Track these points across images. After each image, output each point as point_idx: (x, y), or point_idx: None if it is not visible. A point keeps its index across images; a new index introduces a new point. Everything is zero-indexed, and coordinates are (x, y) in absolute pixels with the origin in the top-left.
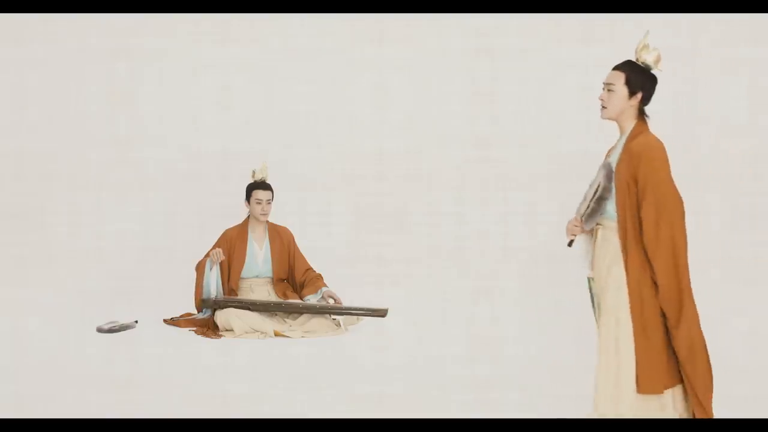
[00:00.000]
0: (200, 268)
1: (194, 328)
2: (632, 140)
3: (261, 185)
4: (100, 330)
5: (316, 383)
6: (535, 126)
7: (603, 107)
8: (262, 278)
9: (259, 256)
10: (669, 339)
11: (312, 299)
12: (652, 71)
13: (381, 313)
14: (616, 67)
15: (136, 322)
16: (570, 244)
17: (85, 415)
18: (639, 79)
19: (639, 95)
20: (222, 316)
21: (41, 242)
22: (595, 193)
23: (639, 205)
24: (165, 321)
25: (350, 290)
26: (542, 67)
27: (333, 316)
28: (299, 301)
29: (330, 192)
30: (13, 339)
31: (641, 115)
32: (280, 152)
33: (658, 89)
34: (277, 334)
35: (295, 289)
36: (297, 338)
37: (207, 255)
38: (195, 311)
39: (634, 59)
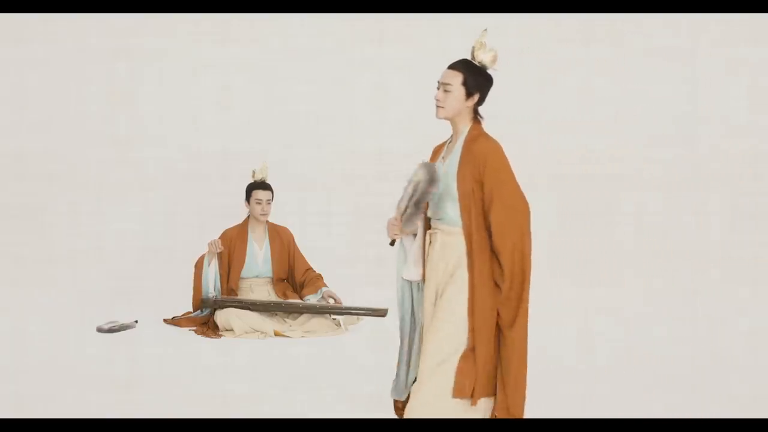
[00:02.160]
0: (199, 264)
1: (194, 328)
2: (472, 143)
3: (261, 185)
4: (100, 330)
5: (316, 383)
6: (535, 126)
7: (439, 107)
8: (262, 278)
9: (259, 256)
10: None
11: (312, 299)
12: (489, 71)
13: (381, 313)
14: (453, 66)
15: (136, 321)
16: (392, 243)
17: (85, 415)
18: (476, 80)
19: (476, 96)
20: (222, 316)
21: (41, 242)
22: (413, 195)
23: (487, 209)
24: (165, 321)
25: (350, 290)
26: (542, 67)
27: (333, 316)
28: (299, 301)
29: (330, 192)
30: (13, 339)
31: (476, 116)
32: (280, 152)
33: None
34: (277, 334)
35: (295, 289)
36: (297, 338)
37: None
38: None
39: (470, 57)
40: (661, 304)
